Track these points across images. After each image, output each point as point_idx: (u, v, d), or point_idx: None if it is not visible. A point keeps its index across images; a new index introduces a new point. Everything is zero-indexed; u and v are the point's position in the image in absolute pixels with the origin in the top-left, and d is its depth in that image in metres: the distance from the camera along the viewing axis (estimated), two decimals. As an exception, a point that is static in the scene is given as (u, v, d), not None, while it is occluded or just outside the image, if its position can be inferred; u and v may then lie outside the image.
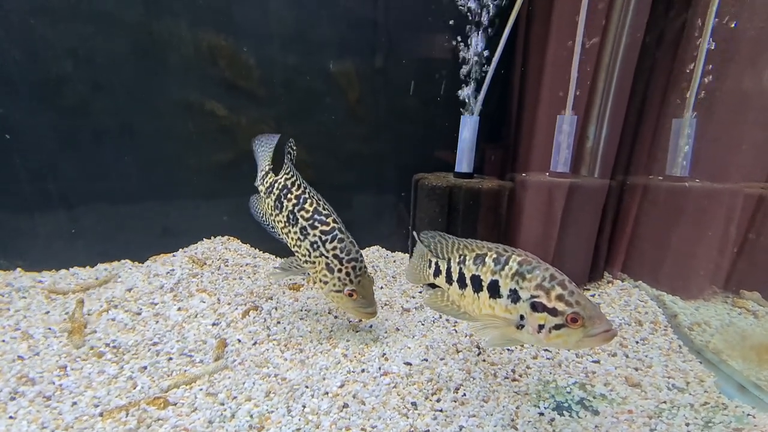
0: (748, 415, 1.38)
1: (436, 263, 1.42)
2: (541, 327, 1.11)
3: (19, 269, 2.20)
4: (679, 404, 1.42)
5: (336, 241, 1.65)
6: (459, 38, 2.38)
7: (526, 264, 1.17)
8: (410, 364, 1.57)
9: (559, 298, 1.09)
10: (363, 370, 1.54)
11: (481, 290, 1.24)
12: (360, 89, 2.52)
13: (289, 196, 1.78)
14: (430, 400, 1.40)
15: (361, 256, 1.69)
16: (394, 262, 2.62)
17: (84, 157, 2.20)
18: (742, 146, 1.96)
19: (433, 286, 1.53)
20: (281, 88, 2.43)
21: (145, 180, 2.33)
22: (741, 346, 1.51)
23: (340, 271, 1.63)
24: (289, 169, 1.86)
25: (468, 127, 2.22)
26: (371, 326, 1.85)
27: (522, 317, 1.15)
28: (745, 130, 1.98)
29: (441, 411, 1.35)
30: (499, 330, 1.19)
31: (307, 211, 1.71)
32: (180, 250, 2.36)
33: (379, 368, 1.55)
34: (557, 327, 1.09)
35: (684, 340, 1.69)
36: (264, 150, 2.06)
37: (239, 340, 1.68)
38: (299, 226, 1.72)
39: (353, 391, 1.42)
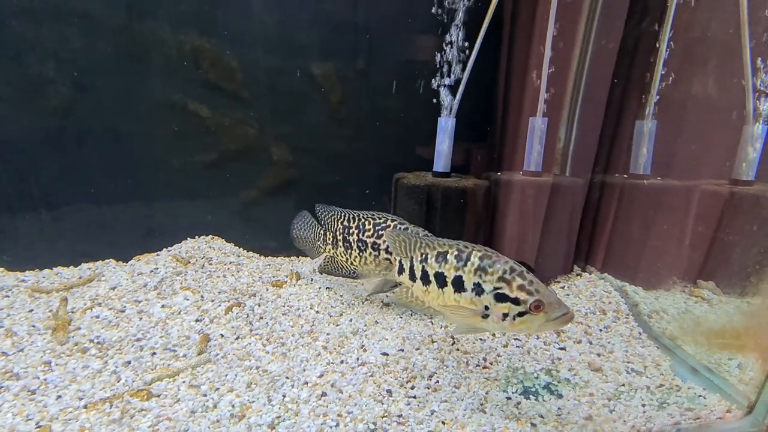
0: (700, 396, 1.49)
1: (400, 262, 1.50)
2: (505, 315, 1.22)
3: (2, 269, 2.21)
4: (637, 386, 1.52)
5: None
6: (437, 40, 2.46)
7: (486, 258, 1.27)
8: (387, 354, 1.64)
9: (521, 288, 1.20)
10: (342, 361, 1.61)
11: (446, 285, 1.33)
12: (342, 91, 2.59)
13: (350, 230, 1.94)
14: (405, 388, 1.47)
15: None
16: (376, 259, 2.69)
17: (67, 158, 2.23)
18: (708, 146, 2.09)
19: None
20: (264, 89, 2.48)
21: (129, 180, 2.36)
22: (694, 332, 1.63)
23: None
24: (334, 215, 2.01)
25: (445, 128, 2.30)
26: (351, 319, 1.92)
27: (486, 308, 1.25)
28: (710, 131, 2.10)
29: (414, 397, 1.42)
30: (467, 320, 1.29)
31: (368, 230, 1.87)
32: (164, 249, 2.40)
33: (357, 359, 1.62)
34: (520, 314, 1.20)
35: (644, 327, 1.80)
36: (306, 226, 2.19)
37: (222, 335, 1.73)
38: (369, 244, 1.86)
39: (332, 380, 1.48)
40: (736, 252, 1.68)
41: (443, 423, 1.30)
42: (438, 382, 1.51)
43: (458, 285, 1.30)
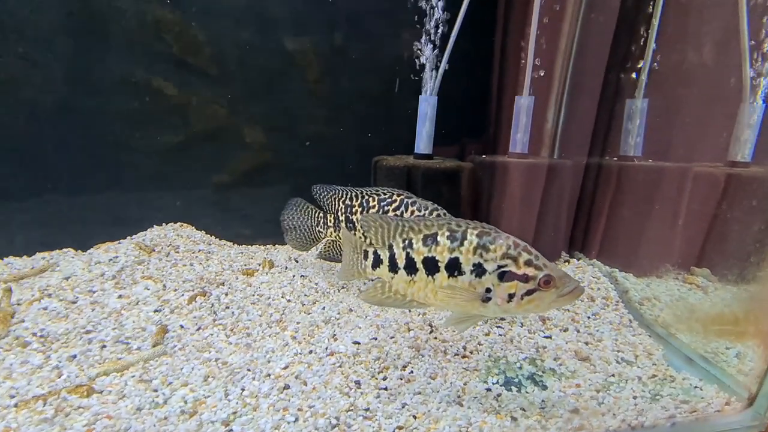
0: (695, 387, 1.39)
1: (375, 253, 1.30)
2: (511, 296, 1.08)
3: (-52, 259, 2.05)
4: (628, 377, 1.42)
5: (410, 205, 1.64)
6: (420, 13, 2.32)
7: (485, 235, 1.12)
8: (359, 343, 1.52)
9: (528, 263, 1.07)
10: (311, 351, 1.49)
11: (437, 271, 1.17)
12: (319, 68, 2.44)
13: (353, 209, 1.79)
14: (376, 379, 1.35)
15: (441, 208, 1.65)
16: (357, 246, 2.56)
17: (19, 140, 2.06)
18: (703, 126, 1.98)
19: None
20: (235, 66, 2.33)
21: (88, 164, 2.20)
22: (688, 320, 1.52)
23: None
24: (334, 195, 1.87)
25: (426, 107, 2.17)
26: (324, 308, 1.80)
27: (488, 290, 1.11)
28: (705, 110, 1.99)
29: (385, 389, 1.30)
30: (464, 306, 1.15)
31: (373, 207, 1.72)
32: (128, 237, 2.25)
33: (326, 348, 1.50)
34: (529, 293, 1.07)
35: (634, 314, 1.70)
36: (301, 213, 2.03)
37: (182, 326, 1.60)
38: None
39: (297, 372, 1.36)
40: (732, 238, 1.57)
41: (414, 417, 1.18)
42: (412, 372, 1.40)
43: (453, 268, 1.14)
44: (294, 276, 2.09)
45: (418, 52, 2.27)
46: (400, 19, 2.39)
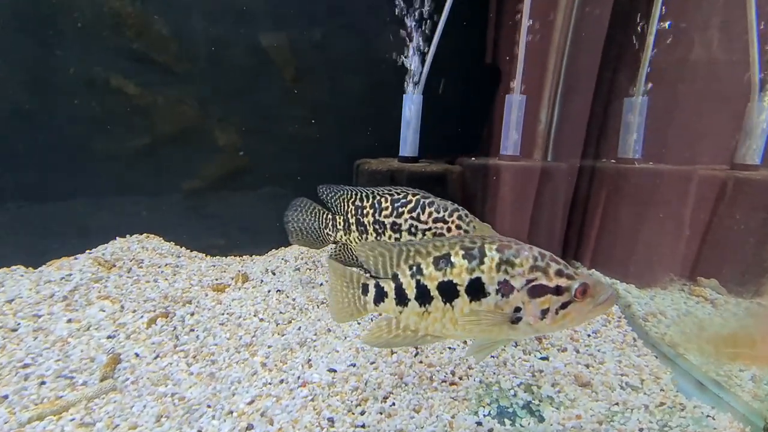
0: (708, 416, 1.25)
1: (377, 285, 1.12)
2: (544, 312, 0.96)
3: None
4: (633, 406, 1.27)
5: (427, 206, 1.48)
6: (405, 7, 2.16)
7: (506, 248, 0.99)
8: (335, 371, 1.36)
9: (559, 273, 0.95)
10: (281, 381, 1.33)
11: (457, 297, 1.02)
12: (297, 66, 2.27)
13: (364, 211, 1.63)
14: (353, 414, 1.20)
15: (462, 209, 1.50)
16: (340, 256, 2.40)
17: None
18: (707, 126, 1.85)
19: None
20: (204, 63, 2.15)
21: (43, 171, 2.01)
22: (698, 338, 1.39)
23: (449, 230, 1.45)
24: (343, 195, 1.71)
25: (411, 106, 2.02)
26: (300, 328, 1.63)
27: (518, 309, 0.97)
28: (709, 108, 1.86)
29: (363, 426, 1.15)
30: (491, 332, 1.01)
31: (386, 208, 1.56)
32: (86, 252, 2.05)
33: (299, 377, 1.33)
34: (564, 306, 0.95)
35: (638, 332, 1.56)
36: (307, 214, 1.85)
37: (137, 355, 1.42)
38: (388, 225, 1.55)
39: (263, 408, 1.20)
40: (742, 247, 1.44)
41: (395, 464, 1.03)
42: (394, 404, 1.24)
43: (476, 291, 1.00)
44: (269, 291, 1.92)
45: (405, 46, 2.12)
46: (384, 11, 2.23)
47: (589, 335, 1.60)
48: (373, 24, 2.30)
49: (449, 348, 1.53)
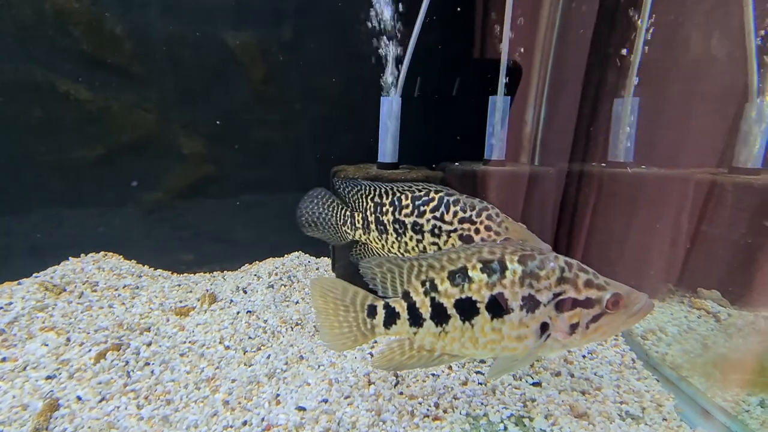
0: (712, 444, 1.14)
1: (387, 306, 1.01)
2: (574, 327, 0.88)
3: None
4: (634, 438, 1.16)
5: (452, 205, 1.33)
6: (383, 2, 2.02)
7: (530, 259, 0.89)
8: (304, 410, 1.21)
9: (588, 284, 0.87)
10: (244, 423, 1.18)
11: (476, 314, 0.93)
12: (265, 66, 2.11)
13: (383, 208, 1.47)
14: (323, 465, 1.05)
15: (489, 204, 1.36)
16: (317, 269, 2.25)
17: None
18: (703, 128, 1.75)
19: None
20: (164, 64, 1.97)
21: (-17, 185, 1.82)
22: (703, 360, 1.28)
23: (477, 231, 1.30)
24: (361, 190, 1.55)
25: (389, 110, 1.87)
26: (269, 356, 1.48)
27: (545, 325, 0.89)
28: (705, 109, 1.76)
29: (334, 482, 1.00)
30: (513, 352, 0.93)
31: (406, 206, 1.41)
32: (33, 275, 1.86)
33: (263, 419, 1.18)
34: (595, 319, 0.87)
35: (638, 351, 1.45)
36: (324, 207, 1.67)
37: (79, 398, 1.25)
38: (409, 225, 1.40)
39: (220, 461, 1.05)
40: (747, 258, 1.34)
41: None
42: (371, 450, 1.10)
43: (497, 307, 0.91)
44: (239, 313, 1.76)
45: (382, 46, 1.97)
46: (361, 7, 2.08)
47: (584, 356, 1.48)
48: (348, 20, 2.14)
49: (433, 375, 1.40)
